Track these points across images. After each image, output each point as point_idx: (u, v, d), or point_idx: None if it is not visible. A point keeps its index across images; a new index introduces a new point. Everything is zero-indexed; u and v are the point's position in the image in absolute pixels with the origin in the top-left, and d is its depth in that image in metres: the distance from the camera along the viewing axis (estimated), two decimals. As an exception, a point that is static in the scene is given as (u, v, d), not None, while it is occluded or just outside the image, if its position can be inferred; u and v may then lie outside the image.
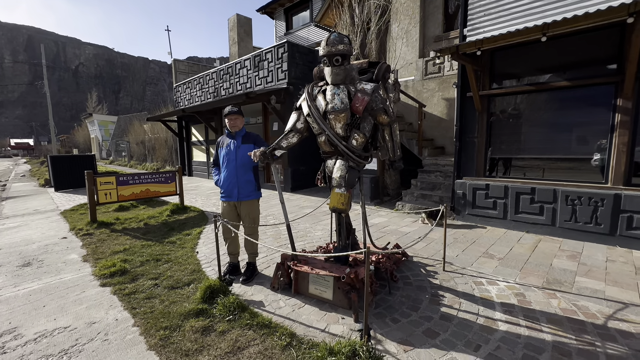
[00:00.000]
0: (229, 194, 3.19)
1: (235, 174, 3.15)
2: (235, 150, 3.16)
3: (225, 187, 3.20)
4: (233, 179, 3.15)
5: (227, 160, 3.18)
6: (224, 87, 10.51)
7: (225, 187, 3.19)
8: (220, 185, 3.23)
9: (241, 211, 3.26)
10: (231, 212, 3.26)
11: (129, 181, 6.14)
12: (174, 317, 2.53)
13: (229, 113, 3.13)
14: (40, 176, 14.04)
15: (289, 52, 8.16)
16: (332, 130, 2.59)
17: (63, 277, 3.42)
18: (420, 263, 3.55)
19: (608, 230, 3.98)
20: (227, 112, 3.13)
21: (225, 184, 3.18)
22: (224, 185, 3.19)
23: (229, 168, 3.17)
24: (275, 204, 7.04)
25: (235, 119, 3.15)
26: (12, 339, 2.34)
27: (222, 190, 3.23)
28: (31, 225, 5.71)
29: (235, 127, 3.17)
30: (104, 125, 30.86)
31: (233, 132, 3.19)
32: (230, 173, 3.16)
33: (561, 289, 2.89)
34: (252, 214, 3.28)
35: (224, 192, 3.22)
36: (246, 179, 3.19)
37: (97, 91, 51.71)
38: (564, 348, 2.08)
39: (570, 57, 4.24)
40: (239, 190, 3.17)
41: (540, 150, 4.65)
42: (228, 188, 3.18)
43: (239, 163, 3.16)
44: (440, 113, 7.75)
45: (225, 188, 3.19)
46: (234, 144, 3.18)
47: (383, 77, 2.75)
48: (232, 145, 3.18)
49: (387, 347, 2.14)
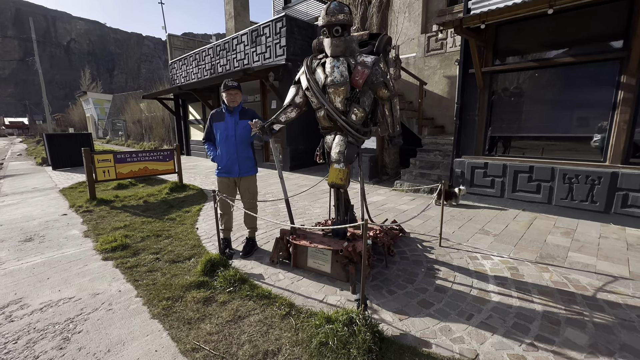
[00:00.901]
0: (229, 170, 3.19)
1: (236, 150, 3.14)
2: (235, 126, 3.13)
3: (224, 163, 3.17)
4: (233, 155, 3.15)
5: (226, 136, 3.13)
6: (221, 63, 10.25)
7: (224, 163, 3.17)
8: (219, 161, 3.20)
9: (241, 186, 3.28)
10: (229, 187, 3.27)
11: (127, 159, 6.11)
12: (176, 289, 2.60)
13: (230, 87, 3.05)
14: (37, 155, 13.94)
15: (287, 27, 7.90)
16: (332, 104, 2.55)
17: (65, 252, 3.47)
18: (417, 239, 3.61)
19: (603, 208, 4.03)
20: (229, 87, 3.05)
21: (225, 160, 3.16)
22: (223, 161, 3.17)
23: (229, 144, 3.14)
24: (274, 182, 7.06)
25: (235, 94, 3.09)
26: (19, 309, 2.40)
27: (221, 167, 3.21)
28: (31, 203, 5.73)
29: (234, 103, 3.11)
30: (99, 103, 30.29)
31: (231, 108, 3.13)
32: (230, 149, 3.14)
33: (554, 263, 2.96)
34: (251, 189, 3.31)
35: (223, 168, 3.20)
36: (246, 155, 3.21)
37: (90, 69, 50.35)
38: (554, 317, 2.16)
39: (575, 32, 4.13)
40: (239, 167, 3.18)
41: (541, 129, 4.62)
42: (228, 164, 3.17)
43: (239, 139, 3.14)
44: (441, 91, 7.63)
45: (225, 164, 3.17)
46: (233, 120, 3.14)
47: (384, 49, 2.69)
48: (231, 121, 3.14)
49: (382, 317, 2.21)
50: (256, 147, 9.43)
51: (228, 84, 3.05)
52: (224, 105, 3.17)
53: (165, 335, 2.07)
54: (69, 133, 11.56)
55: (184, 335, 2.05)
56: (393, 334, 2.02)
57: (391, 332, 2.04)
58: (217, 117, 3.19)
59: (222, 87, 3.08)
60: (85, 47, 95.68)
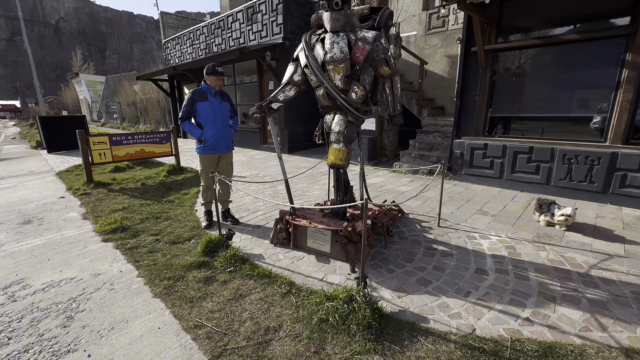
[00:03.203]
0: (215, 146, 3.39)
1: (222, 128, 3.38)
2: (220, 106, 3.37)
3: (212, 141, 3.35)
4: (221, 133, 3.37)
5: (213, 115, 3.33)
6: (216, 42, 9.96)
7: (212, 140, 3.35)
8: (208, 139, 3.33)
9: (222, 161, 3.53)
10: (213, 163, 3.47)
11: (123, 141, 6.02)
12: (177, 269, 2.62)
13: (220, 73, 3.25)
14: (31, 138, 13.74)
15: (284, 4, 7.62)
16: (331, 82, 2.48)
17: (65, 234, 3.47)
18: (416, 219, 3.63)
19: (601, 189, 4.05)
20: (219, 72, 3.24)
21: (214, 138, 3.34)
22: (212, 138, 3.34)
23: (216, 123, 3.34)
24: (272, 164, 7.02)
25: (222, 80, 3.34)
26: (21, 289, 2.42)
27: (208, 144, 3.35)
28: (27, 186, 5.69)
29: (219, 87, 3.33)
30: (92, 85, 29.64)
31: (216, 90, 3.31)
32: (218, 128, 3.36)
33: (550, 242, 3.00)
34: (232, 164, 3.68)
35: (210, 145, 3.36)
36: (230, 133, 3.51)
37: (81, 49, 48.89)
38: (549, 293, 2.20)
39: (582, 9, 4.01)
40: (225, 143, 3.45)
41: (542, 109, 4.56)
42: (215, 141, 3.37)
43: (225, 118, 3.42)
44: (442, 71, 7.48)
45: (213, 142, 3.36)
46: (217, 101, 3.34)
47: (385, 24, 2.59)
48: (216, 101, 3.33)
49: (382, 294, 2.25)
50: (253, 129, 9.32)
51: (219, 70, 3.24)
52: (205, 85, 3.30)
53: (168, 313, 2.10)
54: (63, 115, 11.35)
55: (186, 313, 2.08)
56: (392, 311, 2.06)
57: (390, 308, 2.08)
58: (200, 97, 3.29)
59: (210, 72, 3.22)
60: (75, 27, 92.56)
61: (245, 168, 6.81)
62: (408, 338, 1.82)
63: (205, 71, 3.25)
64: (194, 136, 3.31)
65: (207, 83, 3.29)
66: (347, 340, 1.79)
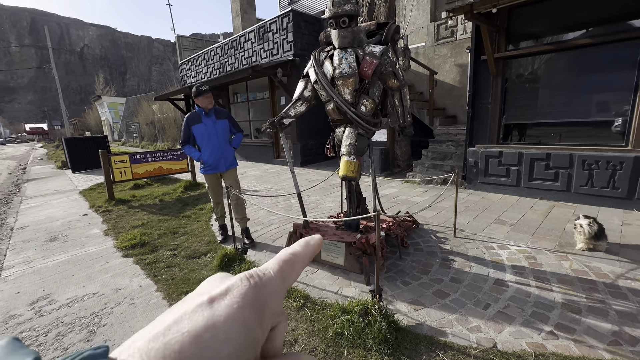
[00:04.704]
0: (215, 166, 3.41)
1: (220, 147, 3.38)
2: (214, 125, 3.35)
3: (212, 161, 3.38)
4: (218, 152, 3.38)
5: (209, 136, 3.34)
6: (229, 62, 10.32)
7: (212, 160, 3.37)
8: (206, 160, 3.37)
9: (227, 179, 3.51)
10: (217, 182, 3.52)
11: (142, 159, 6.26)
12: (194, 283, 2.67)
13: (205, 92, 3.23)
14: (57, 159, 14.44)
15: (294, 22, 7.87)
16: (341, 96, 2.54)
17: (88, 250, 3.60)
18: (430, 230, 3.58)
19: (625, 194, 3.89)
20: (204, 91, 3.22)
21: (212, 157, 3.37)
22: (211, 159, 3.37)
23: (212, 143, 3.34)
24: (285, 178, 7.10)
25: (210, 97, 3.32)
26: (47, 304, 2.52)
27: (207, 165, 3.39)
28: (53, 204, 5.96)
29: (210, 105, 3.33)
30: (114, 107, 31.04)
31: (207, 110, 3.31)
32: (215, 147, 3.36)
33: (573, 251, 2.89)
34: (237, 180, 3.60)
35: (210, 166, 3.40)
36: (228, 150, 3.47)
37: (103, 73, 51.61)
38: (574, 306, 2.11)
39: (593, 12, 3.96)
40: (225, 161, 3.43)
41: (558, 115, 4.47)
42: (214, 161, 3.39)
43: (220, 137, 3.39)
44: (453, 80, 7.47)
45: (212, 161, 3.38)
46: (211, 120, 3.34)
47: (392, 38, 2.65)
48: (210, 121, 3.33)
49: (398, 307, 2.21)
50: (266, 144, 9.50)
51: (202, 89, 3.23)
52: (198, 108, 3.33)
53: (185, 327, 2.13)
54: (86, 136, 11.92)
55: (203, 327, 2.11)
56: (409, 324, 2.02)
57: (407, 322, 2.04)
58: (195, 120, 3.33)
59: (196, 94, 3.23)
60: (98, 52, 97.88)
61: (259, 182, 6.91)
62: (426, 352, 1.78)
63: (193, 95, 3.26)
64: (194, 159, 3.39)
65: (197, 105, 3.31)
66: (363, 354, 1.77)
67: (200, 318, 0.20)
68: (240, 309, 0.21)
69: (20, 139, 56.84)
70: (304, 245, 0.27)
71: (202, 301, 0.21)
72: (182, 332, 0.19)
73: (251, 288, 0.22)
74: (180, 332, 0.19)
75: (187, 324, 0.19)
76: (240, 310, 0.21)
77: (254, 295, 0.22)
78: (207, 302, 0.21)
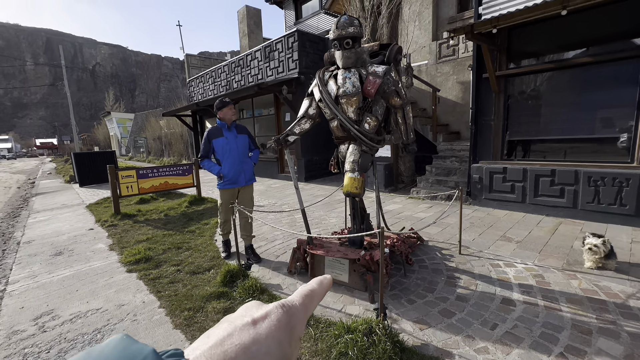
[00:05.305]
0: (235, 180, 3.38)
1: (240, 161, 3.37)
2: (235, 139, 3.36)
3: (232, 175, 3.35)
4: (239, 167, 3.37)
5: (229, 150, 3.33)
6: (236, 79, 10.59)
7: (232, 175, 3.35)
8: (226, 174, 3.34)
9: (243, 195, 3.49)
10: (233, 197, 3.46)
11: (149, 174, 6.35)
12: (197, 300, 2.65)
13: (229, 103, 3.28)
14: (65, 173, 14.67)
15: (299, 41, 8.11)
16: (344, 114, 2.59)
17: (92, 265, 3.61)
18: (435, 247, 3.55)
19: (634, 211, 3.84)
20: (228, 102, 3.28)
21: (232, 172, 3.35)
22: (230, 173, 3.34)
23: (233, 157, 3.34)
24: (290, 193, 7.13)
25: (234, 109, 3.37)
26: (51, 320, 2.52)
27: (227, 179, 3.36)
28: (60, 218, 6.02)
29: (234, 117, 3.37)
30: (122, 122, 31.74)
31: (229, 123, 3.34)
32: (235, 161, 3.35)
33: (582, 270, 2.83)
34: (252, 197, 3.61)
35: (229, 180, 3.37)
36: (248, 165, 3.45)
37: (114, 90, 53.08)
38: (584, 326, 2.06)
39: (593, 31, 4.04)
40: (245, 176, 3.42)
41: (561, 131, 4.49)
42: (234, 176, 3.36)
43: (241, 151, 3.39)
44: (455, 97, 7.56)
45: (232, 176, 3.36)
46: (233, 135, 3.35)
47: (394, 58, 2.72)
48: (231, 135, 3.35)
49: (402, 326, 2.18)
50: (271, 159, 9.59)
51: (226, 100, 3.28)
52: (219, 122, 3.35)
53: (188, 344, 2.10)
54: (94, 152, 12.15)
55: (205, 345, 2.08)
56: (414, 344, 1.98)
57: (412, 342, 2.00)
58: (216, 134, 3.34)
59: (220, 106, 3.27)
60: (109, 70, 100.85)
61: (264, 197, 6.94)
62: (432, 374, 1.73)
63: (216, 107, 3.29)
64: (213, 173, 3.33)
65: (220, 118, 3.33)
66: (367, 375, 1.73)
67: (247, 335, 0.26)
68: (277, 330, 0.27)
69: (30, 153, 58.10)
70: (319, 283, 0.33)
71: (247, 322, 0.27)
72: (235, 344, 0.25)
73: (284, 314, 0.28)
74: (234, 344, 0.25)
75: (237, 338, 0.25)
76: (277, 331, 0.27)
77: (287, 320, 0.28)
78: (251, 323, 0.27)
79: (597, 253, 2.74)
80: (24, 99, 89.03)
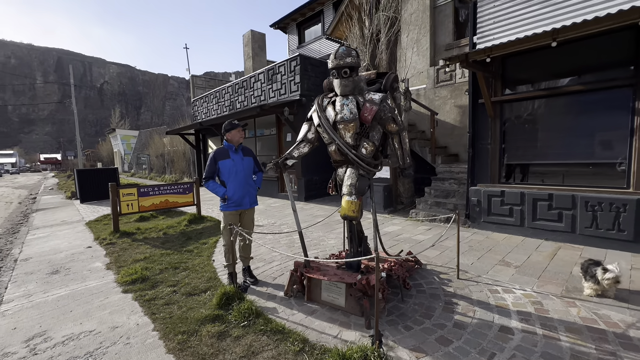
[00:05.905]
0: (240, 203, 3.34)
1: (246, 183, 3.37)
2: (241, 162, 3.37)
3: (236, 198, 3.30)
4: (244, 189, 3.35)
5: (235, 172, 3.31)
6: (239, 100, 10.85)
7: (237, 197, 3.30)
8: (231, 196, 3.28)
9: (246, 218, 3.47)
10: (235, 220, 3.37)
11: (149, 192, 6.40)
12: (192, 323, 2.62)
13: (238, 125, 3.31)
14: (67, 189, 14.75)
15: (301, 65, 8.38)
16: (342, 139, 2.67)
17: (88, 284, 3.59)
18: (433, 271, 3.52)
19: (632, 237, 3.83)
20: (237, 125, 3.31)
21: (237, 194, 3.30)
22: (235, 195, 3.29)
23: (238, 179, 3.31)
24: (289, 213, 7.13)
25: (242, 132, 3.38)
26: (42, 342, 2.48)
27: (232, 201, 3.30)
28: (59, 235, 6.02)
29: (242, 139, 3.40)
30: (126, 139, 32.20)
31: (237, 145, 3.36)
32: (240, 184, 3.33)
33: (581, 297, 2.80)
34: (253, 218, 3.59)
35: (234, 202, 3.31)
36: (253, 188, 3.46)
37: (120, 107, 54.20)
38: (583, 357, 2.03)
39: (583, 60, 4.19)
40: (249, 198, 3.41)
41: (557, 156, 4.55)
42: (239, 198, 3.32)
43: (247, 174, 3.39)
44: (453, 120, 7.71)
45: (237, 198, 3.31)
46: (239, 157, 3.37)
47: (391, 86, 2.83)
48: (237, 157, 3.35)
49: (399, 354, 2.14)
50: (271, 178, 9.66)
51: (235, 123, 3.31)
52: (226, 143, 3.36)
53: (180, 370, 2.07)
54: (97, 168, 12.29)
55: (198, 371, 2.05)
56: (410, 374, 1.94)
57: (408, 371, 1.97)
58: (222, 155, 3.32)
59: (229, 127, 3.29)
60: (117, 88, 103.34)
61: (263, 217, 6.95)
62: (428, 406, 1.69)
63: (224, 129, 3.28)
64: (218, 195, 3.28)
65: (227, 140, 3.32)
66: (361, 406, 1.69)
67: None
68: None
69: (33, 168, 58.55)
70: None
71: None
72: None
73: None
74: None
75: None
76: None
77: None
78: None
79: (610, 286, 2.67)
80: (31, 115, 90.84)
